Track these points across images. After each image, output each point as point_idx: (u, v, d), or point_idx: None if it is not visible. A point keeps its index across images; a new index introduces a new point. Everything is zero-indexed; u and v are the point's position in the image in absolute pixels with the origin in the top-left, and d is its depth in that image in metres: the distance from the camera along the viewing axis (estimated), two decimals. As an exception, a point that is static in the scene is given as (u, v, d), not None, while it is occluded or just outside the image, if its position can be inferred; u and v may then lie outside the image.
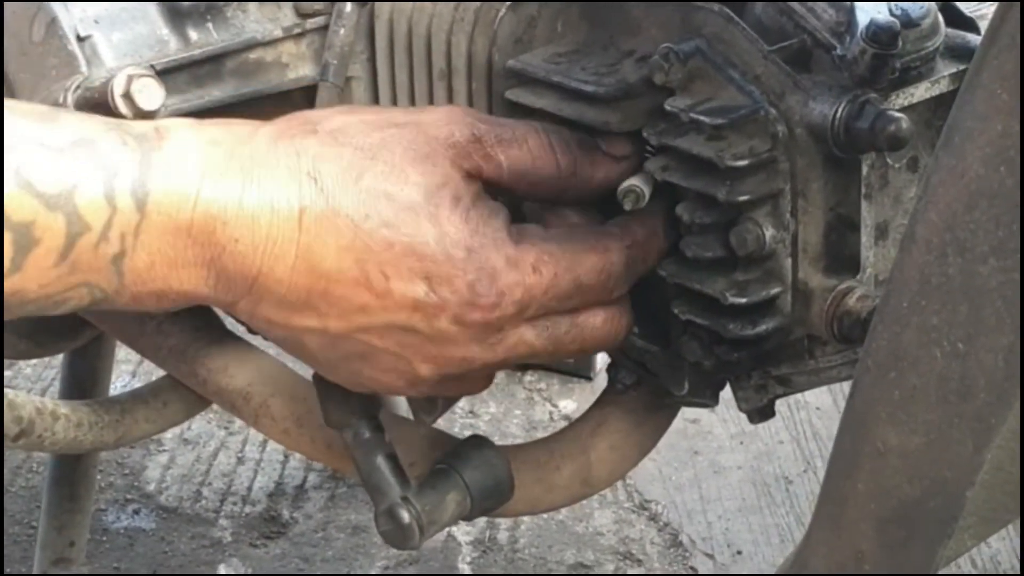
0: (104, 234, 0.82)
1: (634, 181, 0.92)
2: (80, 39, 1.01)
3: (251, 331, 0.97)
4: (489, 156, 0.91)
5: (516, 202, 0.95)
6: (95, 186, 0.82)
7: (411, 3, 1.03)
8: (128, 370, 2.30)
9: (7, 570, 1.90)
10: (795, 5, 0.90)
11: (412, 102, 1.04)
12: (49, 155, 0.81)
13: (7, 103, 0.82)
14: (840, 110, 0.86)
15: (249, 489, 2.09)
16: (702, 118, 0.88)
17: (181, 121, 0.88)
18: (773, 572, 0.88)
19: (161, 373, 1.30)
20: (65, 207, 0.81)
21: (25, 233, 0.80)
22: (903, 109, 0.87)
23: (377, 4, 1.05)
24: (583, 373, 2.36)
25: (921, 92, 0.89)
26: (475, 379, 0.96)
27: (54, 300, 0.84)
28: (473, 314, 0.88)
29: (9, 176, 0.80)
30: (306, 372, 1.09)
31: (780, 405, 1.00)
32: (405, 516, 0.97)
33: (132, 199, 0.83)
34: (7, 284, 0.81)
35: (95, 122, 0.85)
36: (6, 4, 1.02)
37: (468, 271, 0.88)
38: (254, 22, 1.06)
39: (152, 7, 1.04)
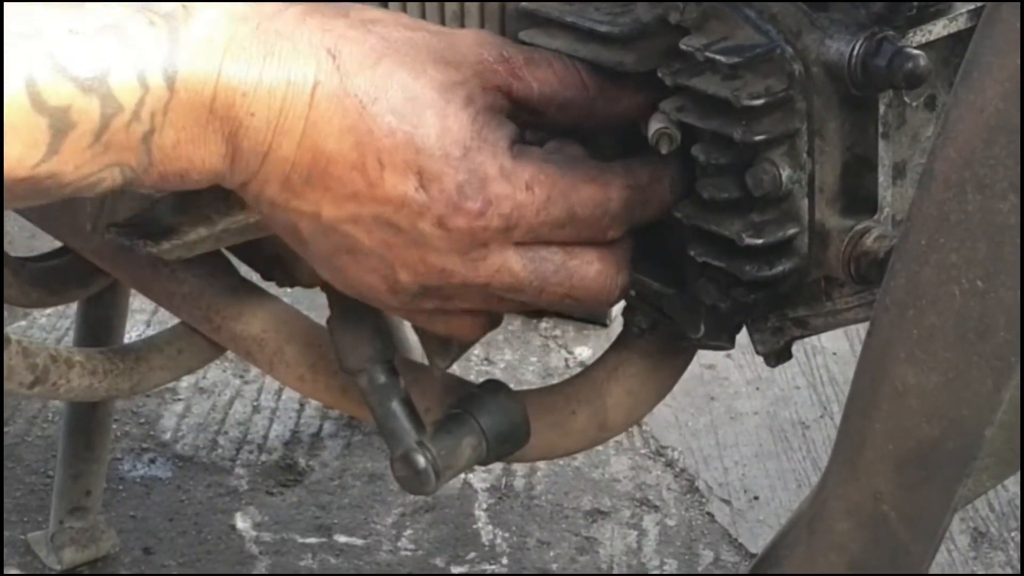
0: (136, 113, 0.83)
1: (664, 124, 0.91)
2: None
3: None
4: (518, 75, 0.91)
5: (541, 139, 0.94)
6: (127, 68, 0.83)
7: (423, -57, 1.02)
8: (143, 319, 2.30)
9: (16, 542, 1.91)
10: (811, -58, 0.89)
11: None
12: (80, 40, 0.82)
13: None
14: (857, 48, 0.85)
15: (265, 437, 2.09)
16: (718, 57, 0.87)
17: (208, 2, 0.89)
18: (791, 516, 0.88)
19: (176, 322, 1.30)
20: (100, 89, 0.82)
21: (62, 117, 0.81)
22: (921, 46, 0.86)
23: (389, -55, 1.04)
24: (599, 320, 2.35)
25: (939, 29, 0.88)
26: (461, 316, 0.95)
27: (88, 181, 0.85)
28: (457, 219, 0.88)
29: (44, 61, 0.80)
30: (320, 318, 1.09)
31: (796, 350, 0.99)
32: (421, 461, 0.96)
33: (163, 78, 0.84)
34: (44, 168, 0.82)
35: (122, 6, 0.85)
36: None
37: (460, 171, 0.87)
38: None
39: None
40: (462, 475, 1.90)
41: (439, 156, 0.87)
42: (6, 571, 1.82)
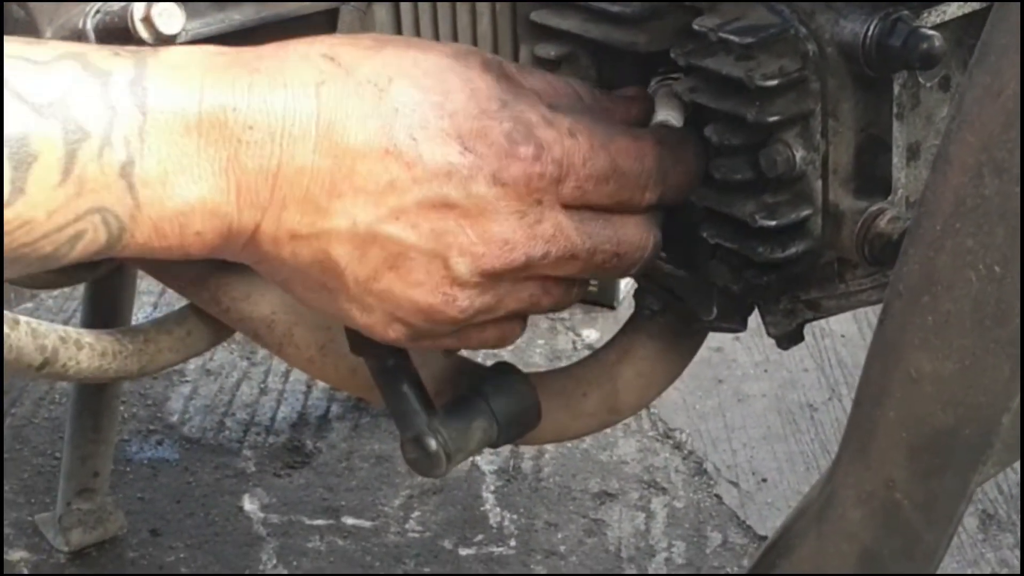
0: (106, 139, 0.76)
1: (663, 116, 0.91)
2: (99, -38, 0.99)
3: (273, 283, 0.90)
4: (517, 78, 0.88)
5: None
6: (89, 90, 0.76)
7: (435, -77, 1.01)
8: (150, 301, 2.30)
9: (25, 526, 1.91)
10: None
11: (435, 25, 1.03)
12: (36, 68, 0.75)
13: None
14: (872, 28, 0.84)
15: (272, 419, 2.09)
16: (731, 37, 0.86)
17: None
18: (799, 499, 0.88)
19: (183, 303, 1.30)
20: (59, 114, 0.75)
21: (20, 147, 0.73)
22: (935, 27, 0.86)
23: (400, -76, 1.03)
24: (606, 302, 2.35)
25: (954, 10, 0.88)
26: (503, 322, 0.90)
27: (66, 233, 0.77)
28: (512, 168, 0.83)
29: None
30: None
31: (805, 333, 0.99)
32: (432, 443, 0.96)
33: (131, 98, 0.77)
34: (11, 212, 0.74)
35: (84, 44, 0.81)
36: None
37: (503, 120, 0.83)
38: (275, -56, 1.04)
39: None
40: (470, 458, 1.90)
41: (477, 114, 0.83)
42: (15, 553, 1.82)
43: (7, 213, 0.74)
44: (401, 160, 0.81)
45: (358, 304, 0.86)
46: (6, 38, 0.76)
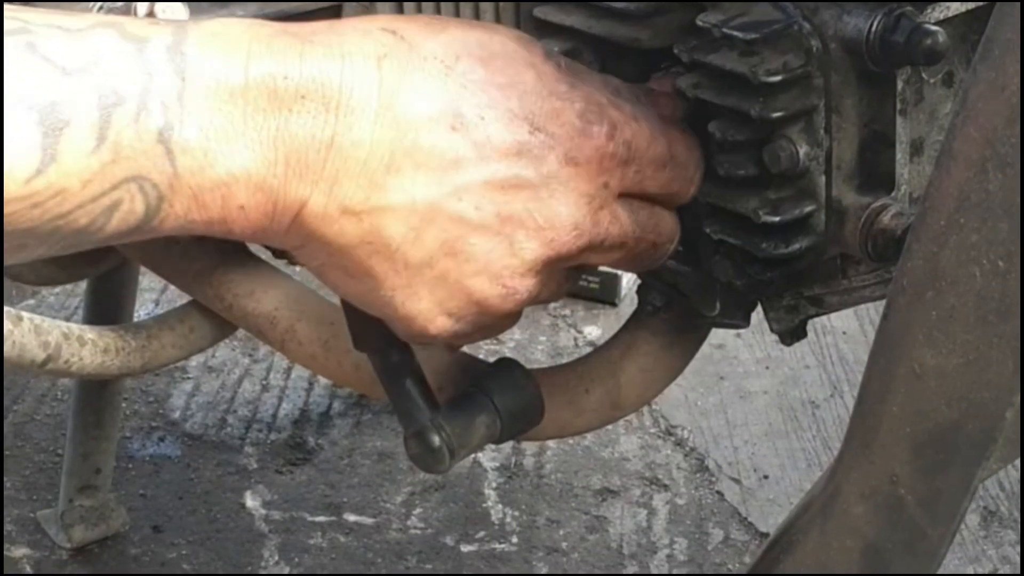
0: (143, 103, 0.72)
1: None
2: (102, -42, 0.99)
3: (309, 269, 0.85)
4: None
5: None
6: (124, 55, 0.72)
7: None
8: (152, 298, 2.30)
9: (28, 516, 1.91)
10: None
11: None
12: (68, 35, 0.71)
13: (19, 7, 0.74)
14: (875, 24, 0.84)
15: (274, 416, 2.09)
16: (735, 33, 0.86)
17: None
18: (801, 496, 0.87)
19: (186, 300, 1.30)
20: (91, 79, 0.71)
21: (50, 112, 0.70)
22: (939, 23, 0.86)
23: (402, -80, 1.03)
24: (608, 299, 2.35)
25: (957, 5, 0.88)
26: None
27: (102, 204, 0.72)
28: (586, 147, 0.81)
29: (23, 52, 0.70)
30: (333, 296, 1.08)
31: (807, 329, 0.99)
32: (435, 439, 0.96)
33: (170, 63, 0.73)
34: (43, 181, 0.70)
35: (121, 16, 0.77)
36: None
37: (575, 100, 0.81)
38: (278, -61, 1.04)
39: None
40: (472, 454, 1.90)
41: (547, 95, 0.80)
42: (17, 550, 1.82)
43: (39, 181, 0.70)
44: (469, 137, 0.78)
45: (405, 292, 0.81)
46: (36, 8, 0.73)
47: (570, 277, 0.89)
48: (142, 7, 0.94)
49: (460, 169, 0.78)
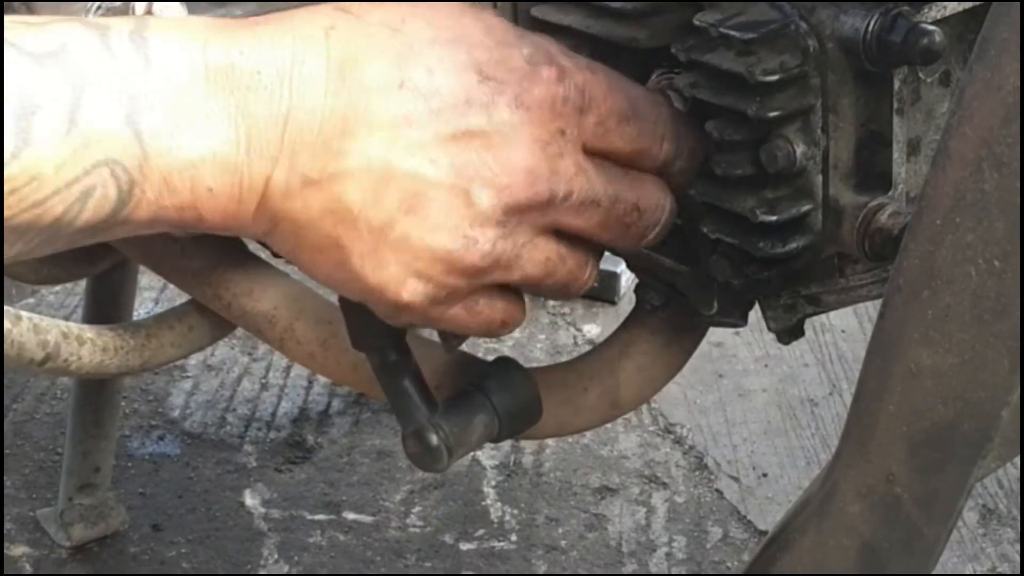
0: (109, 86, 0.74)
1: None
2: (100, -42, 1.00)
3: (283, 255, 0.86)
4: None
5: None
6: (89, 41, 0.74)
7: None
8: (151, 297, 2.30)
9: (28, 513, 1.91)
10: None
11: (435, 21, 1.03)
12: (31, 27, 0.74)
13: None
14: (872, 23, 0.84)
15: (273, 415, 2.09)
16: (732, 33, 0.86)
17: None
18: (799, 494, 0.88)
19: (184, 299, 1.30)
20: (59, 63, 0.73)
21: (21, 97, 0.72)
22: (936, 22, 0.86)
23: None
24: (607, 297, 2.35)
25: (954, 5, 0.88)
26: (507, 299, 0.87)
27: (76, 190, 0.74)
28: (534, 89, 0.81)
29: None
30: (331, 295, 1.08)
31: (805, 328, 0.99)
32: (433, 438, 0.96)
33: (132, 48, 0.75)
34: (19, 166, 0.72)
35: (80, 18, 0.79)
36: None
37: (524, 47, 0.82)
38: (275, -61, 1.05)
39: (172, -75, 1.03)
40: (471, 452, 1.90)
41: (494, 44, 0.81)
42: (16, 548, 1.82)
43: (14, 167, 0.72)
44: (417, 93, 0.79)
45: (372, 259, 0.81)
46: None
47: (568, 258, 0.87)
48: (140, 7, 0.95)
49: (412, 126, 0.78)
